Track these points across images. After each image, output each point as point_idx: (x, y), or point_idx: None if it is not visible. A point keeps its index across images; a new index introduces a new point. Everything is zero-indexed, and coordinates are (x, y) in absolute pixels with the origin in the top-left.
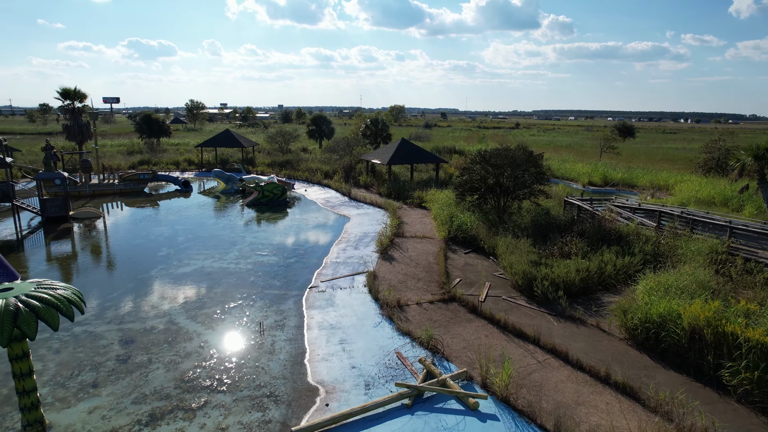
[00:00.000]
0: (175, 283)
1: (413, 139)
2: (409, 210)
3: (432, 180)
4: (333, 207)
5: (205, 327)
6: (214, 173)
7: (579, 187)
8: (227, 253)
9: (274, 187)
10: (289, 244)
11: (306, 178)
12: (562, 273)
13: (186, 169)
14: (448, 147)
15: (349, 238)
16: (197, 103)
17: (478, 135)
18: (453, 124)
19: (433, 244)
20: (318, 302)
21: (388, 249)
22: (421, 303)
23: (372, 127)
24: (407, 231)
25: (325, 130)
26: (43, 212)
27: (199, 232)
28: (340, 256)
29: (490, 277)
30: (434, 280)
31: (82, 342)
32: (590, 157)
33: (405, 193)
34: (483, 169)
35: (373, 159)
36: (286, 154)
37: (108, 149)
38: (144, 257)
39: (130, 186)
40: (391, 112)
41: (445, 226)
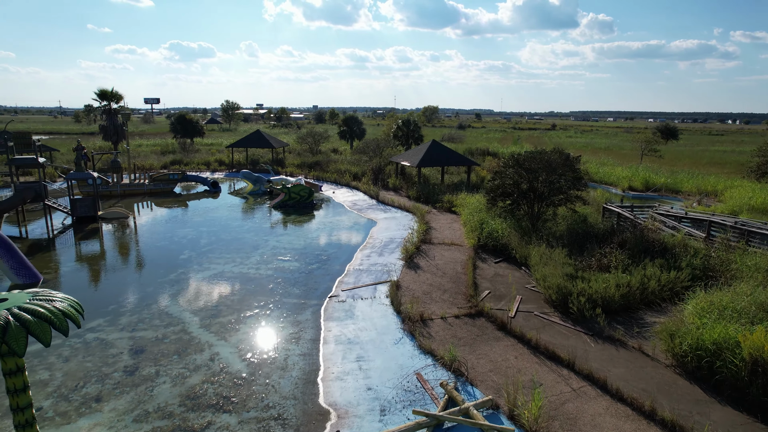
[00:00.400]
0: (192, 288)
1: (446, 140)
2: (438, 214)
3: (463, 183)
4: (360, 210)
5: (218, 338)
6: (242, 174)
7: (618, 192)
8: (249, 258)
9: (300, 189)
10: (312, 249)
11: (334, 180)
12: (601, 288)
13: (216, 170)
14: (482, 149)
15: (374, 243)
16: (232, 104)
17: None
18: (487, 125)
19: (461, 252)
20: (337, 313)
21: (414, 256)
22: (446, 317)
23: (403, 128)
24: (435, 237)
25: (356, 131)
26: (73, 212)
27: (223, 234)
28: (364, 263)
29: (521, 290)
30: (461, 291)
31: (92, 350)
32: (630, 160)
33: (434, 196)
34: (516, 173)
35: (402, 161)
36: (316, 155)
37: (144, 149)
38: (165, 260)
39: (160, 186)
40: (424, 113)
41: (474, 233)
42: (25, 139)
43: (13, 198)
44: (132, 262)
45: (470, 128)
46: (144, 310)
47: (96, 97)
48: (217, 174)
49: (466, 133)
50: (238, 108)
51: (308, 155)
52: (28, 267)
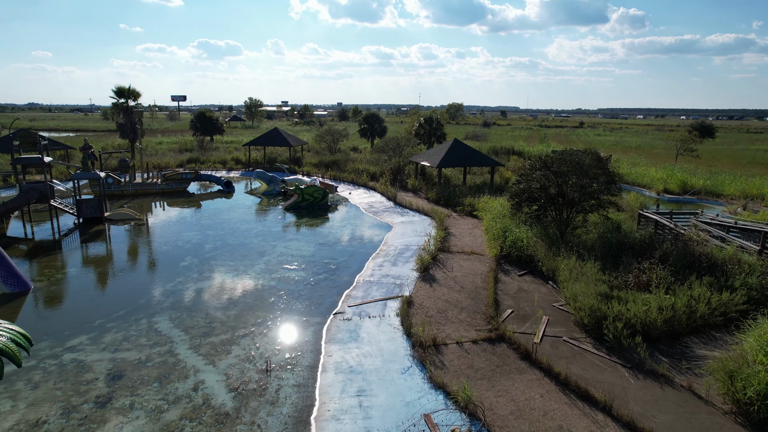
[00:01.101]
0: (187, 301)
1: (469, 138)
2: (459, 219)
3: (486, 185)
4: (376, 213)
5: (206, 362)
6: (255, 174)
7: (653, 195)
8: (253, 266)
9: (314, 190)
10: (320, 257)
11: (352, 180)
12: (640, 311)
13: (232, 168)
14: (507, 147)
15: (387, 251)
16: (255, 101)
17: (539, 134)
18: (513, 123)
19: (482, 262)
20: (340, 334)
21: (430, 267)
22: (462, 342)
23: (426, 126)
24: (454, 245)
25: (377, 129)
26: (79, 213)
27: (230, 239)
28: (375, 273)
29: (548, 309)
30: (480, 310)
31: (66, 375)
32: (664, 159)
33: (455, 199)
34: (544, 176)
35: (422, 161)
36: (335, 153)
37: (164, 146)
38: (165, 267)
39: (173, 186)
40: (448, 111)
41: (497, 242)
42: (30, 137)
43: (17, 198)
44: (129, 269)
45: (495, 126)
46: (132, 326)
47: (114, 94)
48: (233, 173)
49: (490, 131)
50: (261, 105)
51: (327, 154)
52: (17, 275)
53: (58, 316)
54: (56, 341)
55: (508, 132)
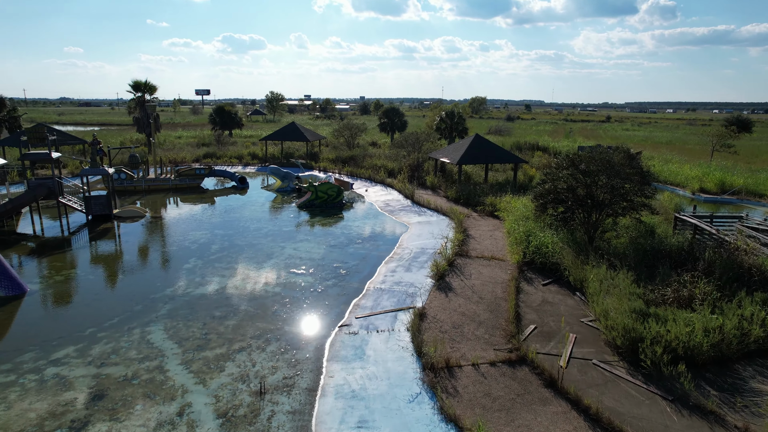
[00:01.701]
0: (184, 308)
1: (492, 132)
2: (479, 220)
3: (509, 183)
4: (392, 212)
5: (197, 380)
6: (269, 170)
7: (688, 194)
8: (259, 270)
9: (329, 187)
10: (330, 260)
11: (369, 176)
12: (683, 333)
13: (249, 164)
14: (531, 143)
15: (402, 254)
16: (276, 95)
17: (564, 129)
18: (537, 117)
19: (503, 269)
20: (344, 351)
21: (446, 274)
22: (479, 364)
23: (447, 120)
24: (473, 249)
25: (397, 123)
26: (88, 210)
27: (238, 239)
28: (387, 280)
29: (575, 325)
30: (500, 325)
31: (45, 392)
32: (698, 156)
33: (475, 198)
34: (571, 176)
35: (441, 157)
36: (353, 148)
37: (183, 140)
38: (167, 270)
39: (186, 181)
40: (471, 104)
41: (519, 247)
42: (38, 133)
43: (24, 195)
44: (130, 271)
45: (519, 120)
46: (123, 336)
47: (130, 88)
48: (249, 168)
49: (514, 126)
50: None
51: (345, 149)
52: (11, 277)
53: (48, 323)
54: (42, 352)
55: (533, 126)
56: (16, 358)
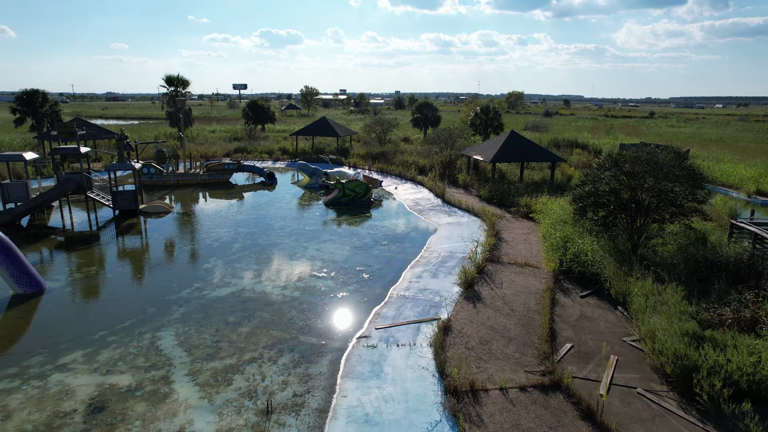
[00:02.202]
0: (200, 312)
1: (529, 128)
2: (513, 222)
3: (545, 182)
4: (421, 212)
5: (202, 394)
6: (297, 166)
7: (743, 197)
8: (278, 272)
9: (356, 185)
10: (354, 263)
11: (399, 173)
12: (746, 363)
13: (279, 159)
14: (569, 139)
15: (429, 258)
16: (311, 90)
17: (605, 125)
18: (576, 113)
19: (537, 278)
20: (361, 366)
21: (475, 282)
22: (507, 389)
23: (482, 116)
24: (505, 254)
25: (430, 118)
26: (115, 205)
27: (260, 238)
28: (412, 287)
29: (616, 345)
30: (532, 343)
31: (45, 402)
32: (751, 155)
33: (509, 198)
34: (614, 177)
35: (475, 154)
36: (384, 144)
37: (217, 134)
38: (185, 269)
39: (215, 176)
40: (507, 99)
41: (555, 254)
42: (67, 128)
43: (53, 190)
44: (148, 270)
45: (557, 116)
46: (133, 341)
47: (163, 83)
48: (279, 163)
49: (552, 121)
50: (317, 94)
51: (375, 145)
52: (30, 275)
53: (61, 324)
54: (50, 356)
55: (571, 122)
56: (24, 361)
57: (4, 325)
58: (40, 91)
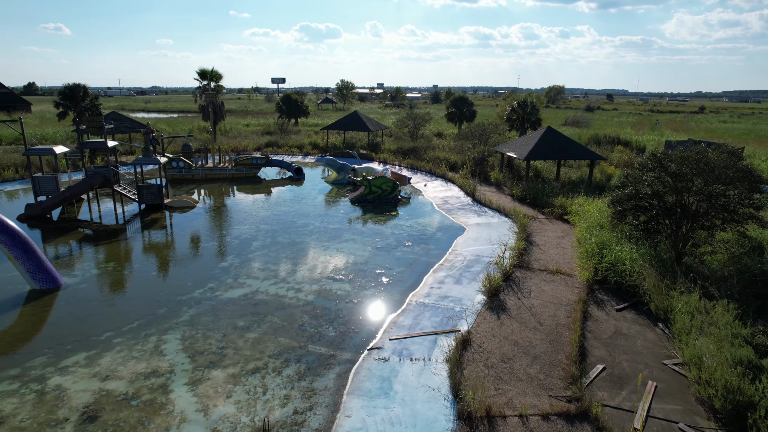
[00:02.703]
0: (209, 314)
1: (569, 124)
2: (546, 223)
3: (583, 182)
4: (449, 211)
5: (199, 406)
6: (324, 161)
7: None
8: (295, 273)
9: (383, 182)
10: (373, 266)
11: (429, 170)
12: None
13: (309, 153)
14: (610, 136)
15: (453, 262)
16: (347, 83)
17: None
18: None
19: (569, 287)
20: (369, 382)
21: (501, 290)
22: (528, 416)
23: (519, 111)
24: (536, 259)
25: (465, 113)
26: (140, 200)
27: (281, 236)
28: (432, 293)
29: (655, 368)
30: (559, 362)
31: (39, 408)
32: None
33: (543, 198)
34: (658, 179)
35: (508, 151)
36: (417, 139)
37: (251, 128)
38: (201, 268)
39: (243, 171)
40: (547, 94)
41: (590, 261)
42: (95, 122)
43: (80, 184)
44: (164, 267)
45: (599, 110)
46: (139, 343)
47: (197, 77)
48: (309, 158)
49: (593, 117)
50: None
51: (408, 140)
52: (46, 270)
53: (70, 323)
54: (54, 357)
55: (614, 117)
56: (28, 362)
57: (18, 322)
58: (81, 85)
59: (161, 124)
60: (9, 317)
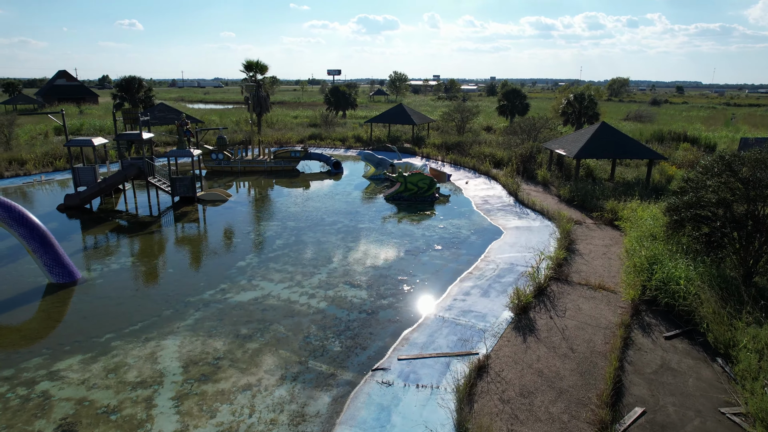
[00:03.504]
0: (214, 319)
1: (630, 119)
2: (593, 229)
3: (639, 183)
4: (489, 212)
5: (178, 426)
6: (362, 155)
7: None
8: (312, 276)
9: (419, 179)
10: (397, 270)
11: (473, 166)
12: None
13: (351, 147)
14: (676, 132)
15: (484, 271)
16: (400, 75)
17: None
18: (691, 100)
19: (611, 306)
20: (366, 411)
21: (532, 307)
22: None
23: (575, 104)
24: (576, 271)
25: (518, 106)
26: (173, 192)
27: (306, 234)
28: (454, 306)
29: (709, 416)
30: (589, 400)
31: (19, 416)
32: None
33: (592, 200)
34: (725, 185)
35: (557, 148)
36: (464, 133)
37: (300, 119)
38: (216, 267)
39: (281, 164)
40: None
41: (638, 277)
42: (131, 113)
43: (116, 175)
44: (181, 265)
45: (667, 104)
46: (136, 348)
47: (243, 68)
48: (351, 151)
49: (659, 111)
50: (406, 79)
51: (453, 133)
52: (64, 265)
53: (75, 321)
54: (49, 359)
55: (683, 112)
56: (24, 362)
57: (28, 318)
58: (137, 78)
59: (213, 115)
60: (22, 313)
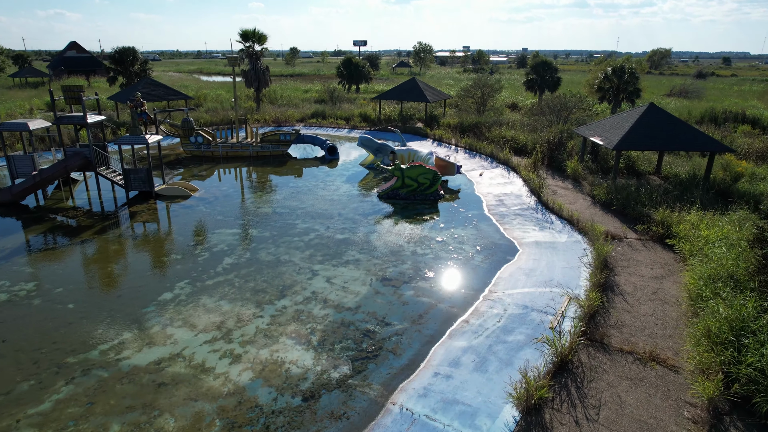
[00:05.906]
0: (81, 400)
1: (675, 94)
2: (638, 249)
3: (697, 181)
4: (503, 217)
5: None
6: (360, 140)
7: None
8: (249, 322)
9: (420, 173)
10: (365, 314)
11: (490, 153)
12: None
13: (356, 126)
14: (732, 111)
15: (486, 317)
16: (424, 46)
17: None
18: (740, 73)
19: (670, 402)
20: None
21: (548, 404)
22: None
23: (613, 79)
24: (617, 325)
25: (548, 80)
26: (127, 186)
27: (266, 249)
28: (433, 389)
29: None
30: None
31: None
32: None
33: (636, 206)
34: None
35: (592, 135)
36: (485, 112)
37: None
38: (133, 301)
39: (269, 148)
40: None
41: (717, 356)
42: (73, 92)
43: (54, 166)
44: (82, 300)
45: (713, 77)
46: None
47: (239, 38)
48: (356, 132)
49: (706, 85)
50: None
51: (472, 112)
52: None
53: None
54: None
55: (733, 86)
56: None
57: None
58: (131, 48)
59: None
60: None
